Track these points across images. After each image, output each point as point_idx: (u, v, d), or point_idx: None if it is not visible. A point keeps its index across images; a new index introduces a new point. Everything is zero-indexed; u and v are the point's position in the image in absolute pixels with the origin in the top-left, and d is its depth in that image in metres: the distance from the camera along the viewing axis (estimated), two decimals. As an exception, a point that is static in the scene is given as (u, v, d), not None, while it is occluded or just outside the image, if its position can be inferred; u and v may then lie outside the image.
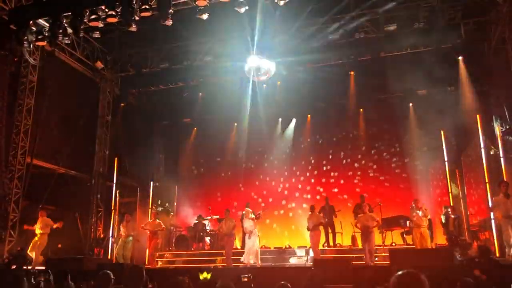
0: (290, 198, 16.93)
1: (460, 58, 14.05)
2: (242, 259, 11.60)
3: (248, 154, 16.87)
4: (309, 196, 16.94)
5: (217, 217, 15.08)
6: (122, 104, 16.69)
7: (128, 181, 16.12)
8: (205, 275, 4.16)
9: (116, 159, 15.58)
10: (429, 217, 12.10)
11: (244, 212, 12.27)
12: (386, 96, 15.60)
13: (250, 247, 11.57)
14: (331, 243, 13.97)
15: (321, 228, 12.44)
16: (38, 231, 12.35)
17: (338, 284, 7.00)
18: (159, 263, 13.38)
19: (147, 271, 3.99)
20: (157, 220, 13.05)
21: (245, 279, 7.29)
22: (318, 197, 16.52)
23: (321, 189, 16.68)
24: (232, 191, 17.27)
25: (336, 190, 16.53)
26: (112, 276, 3.94)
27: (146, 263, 13.14)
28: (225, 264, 11.77)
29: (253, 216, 11.90)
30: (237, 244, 14.22)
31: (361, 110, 16.50)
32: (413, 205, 12.00)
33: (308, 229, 11.72)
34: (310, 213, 12.08)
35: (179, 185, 17.43)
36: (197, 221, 15.04)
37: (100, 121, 16.17)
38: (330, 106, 15.80)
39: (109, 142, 16.12)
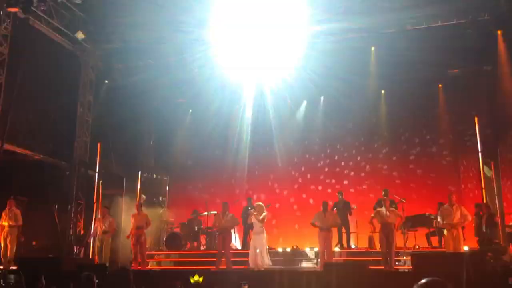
0: (301, 193, 16.76)
1: (498, 32, 13.68)
2: (251, 263, 11.24)
3: (254, 141, 16.74)
4: (319, 188, 16.74)
5: (215, 212, 14.43)
6: (106, 82, 16.52)
7: (112, 170, 15.89)
8: (196, 279, 4.08)
9: (99, 145, 15.33)
10: (467, 215, 11.55)
11: (255, 206, 11.88)
12: (412, 76, 15.23)
13: (262, 247, 11.23)
14: (344, 245, 13.61)
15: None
16: (5, 222, 12.24)
17: None
18: (148, 264, 13.25)
19: (134, 274, 4.00)
20: (143, 212, 12.70)
21: (245, 287, 7.41)
22: (329, 190, 16.29)
23: (333, 181, 16.47)
24: (233, 184, 16.96)
25: (347, 182, 16.22)
26: (95, 279, 3.98)
27: (134, 264, 12.68)
28: (223, 267, 11.53)
29: (265, 213, 11.52)
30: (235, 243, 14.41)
31: (383, 92, 16.41)
32: (450, 200, 11.37)
33: (314, 225, 11.56)
34: (322, 211, 11.75)
35: (171, 176, 17.18)
36: (192, 217, 14.90)
37: (81, 101, 15.96)
38: (346, 87, 15.27)
39: (91, 126, 15.93)
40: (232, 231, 12.81)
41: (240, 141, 16.73)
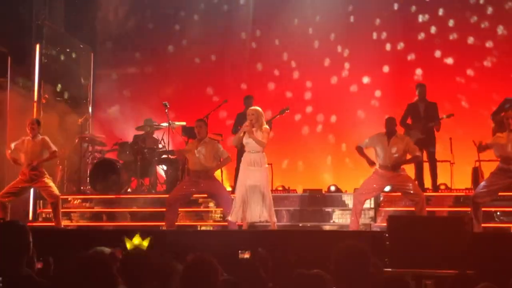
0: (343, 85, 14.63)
1: None
2: (232, 216, 9.57)
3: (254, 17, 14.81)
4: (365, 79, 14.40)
5: (183, 123, 12.76)
6: None
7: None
8: (137, 241, 4.60)
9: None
10: None
11: (249, 114, 9.64)
12: None
13: (261, 187, 9.43)
14: (427, 185, 11.36)
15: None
16: None
17: (436, 269, 6.67)
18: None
19: (34, 233, 3.92)
20: (40, 136, 10.40)
21: (246, 255, 7.42)
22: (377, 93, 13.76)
23: (387, 69, 14.08)
24: (214, 77, 14.85)
25: (420, 72, 13.89)
26: None
27: (31, 217, 12.04)
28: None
29: (267, 126, 9.46)
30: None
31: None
32: None
33: (371, 164, 9.81)
34: (386, 133, 9.71)
35: (99, 52, 14.88)
36: (140, 133, 12.82)
37: None
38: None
39: None
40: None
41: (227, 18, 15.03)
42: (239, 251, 7.58)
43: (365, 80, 14.59)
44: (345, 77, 14.75)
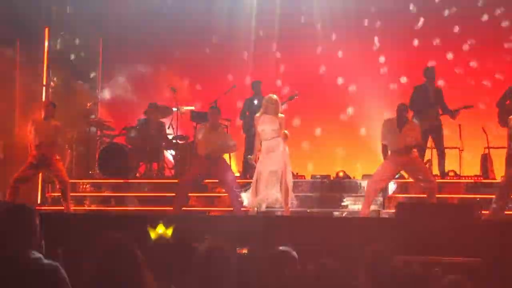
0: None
1: None
2: (247, 199, 9.74)
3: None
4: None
5: (191, 108, 12.80)
6: None
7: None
8: (161, 230, 4.62)
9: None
10: None
11: (264, 102, 9.65)
12: None
13: (276, 174, 9.44)
14: (436, 171, 11.29)
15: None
16: None
17: (444, 256, 6.81)
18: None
19: (45, 219, 3.94)
20: (53, 120, 10.40)
21: (244, 251, 7.65)
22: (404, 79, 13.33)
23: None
24: (226, 55, 14.52)
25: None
26: None
27: (39, 201, 12.01)
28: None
29: (282, 115, 9.63)
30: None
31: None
32: None
33: (385, 153, 9.94)
34: (397, 121, 9.68)
35: (108, 37, 14.54)
36: (146, 116, 12.57)
37: None
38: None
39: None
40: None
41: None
42: (236, 248, 7.53)
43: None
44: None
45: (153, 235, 4.85)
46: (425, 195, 9.91)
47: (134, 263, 3.09)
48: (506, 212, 9.71)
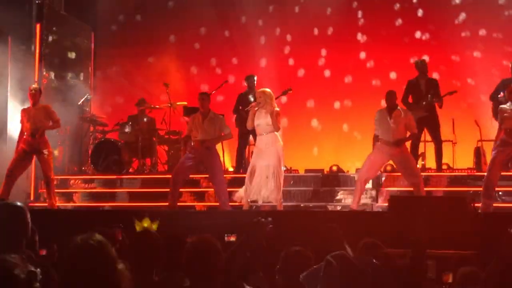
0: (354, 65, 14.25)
1: None
2: (240, 195, 9.83)
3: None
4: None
5: (183, 103, 12.73)
6: None
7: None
8: (146, 224, 4.62)
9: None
10: None
11: (257, 96, 9.77)
12: None
13: (269, 169, 9.50)
14: (431, 164, 11.41)
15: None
16: None
17: (438, 249, 6.76)
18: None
19: (34, 215, 3.98)
20: (41, 104, 10.52)
21: (232, 238, 7.52)
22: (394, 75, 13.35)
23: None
24: (220, 49, 14.57)
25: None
26: None
27: (32, 197, 11.99)
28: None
29: (278, 109, 9.69)
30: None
31: None
32: None
33: (376, 140, 10.06)
34: (386, 109, 9.66)
35: (100, 32, 14.71)
36: (138, 111, 12.80)
37: None
38: None
39: None
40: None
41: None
42: (225, 235, 7.69)
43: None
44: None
45: (138, 227, 4.78)
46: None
47: (106, 260, 3.03)
48: (499, 205, 9.79)
